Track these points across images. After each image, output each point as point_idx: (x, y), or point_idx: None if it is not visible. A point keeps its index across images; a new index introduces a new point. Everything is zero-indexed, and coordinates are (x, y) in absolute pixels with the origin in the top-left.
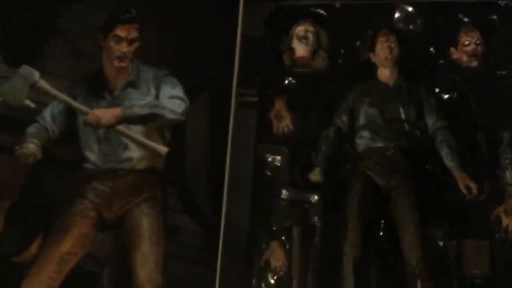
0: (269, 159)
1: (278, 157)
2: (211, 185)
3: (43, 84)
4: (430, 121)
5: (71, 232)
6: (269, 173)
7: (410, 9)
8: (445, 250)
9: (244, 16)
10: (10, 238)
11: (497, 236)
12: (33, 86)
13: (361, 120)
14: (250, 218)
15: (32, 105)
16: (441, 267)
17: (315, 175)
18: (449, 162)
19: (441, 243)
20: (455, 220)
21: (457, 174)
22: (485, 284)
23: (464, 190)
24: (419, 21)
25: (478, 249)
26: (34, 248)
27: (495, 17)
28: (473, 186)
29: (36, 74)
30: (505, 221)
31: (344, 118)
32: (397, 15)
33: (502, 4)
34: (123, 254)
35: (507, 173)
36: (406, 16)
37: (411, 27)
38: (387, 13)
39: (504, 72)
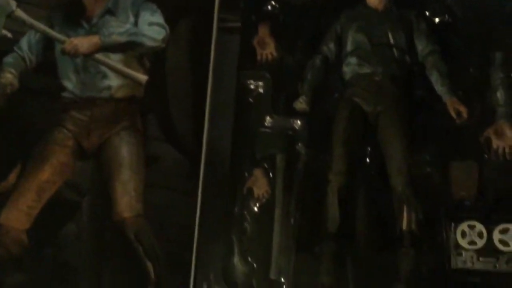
0: (252, 87)
1: (261, 83)
2: (193, 113)
3: (20, 13)
4: (420, 47)
5: (49, 161)
6: (251, 101)
7: None
8: (432, 174)
9: None
10: None
11: (486, 157)
12: (10, 16)
13: (349, 47)
14: (232, 146)
15: (9, 35)
16: (428, 191)
17: (300, 104)
18: (439, 87)
19: (428, 168)
20: (444, 144)
21: (447, 98)
22: (473, 206)
23: (453, 115)
24: None
25: (466, 171)
26: (12, 177)
27: None
28: (463, 110)
29: (13, 4)
30: (495, 142)
31: (331, 45)
32: None
33: None
34: (103, 182)
35: (498, 94)
36: None
37: None
38: None
39: None
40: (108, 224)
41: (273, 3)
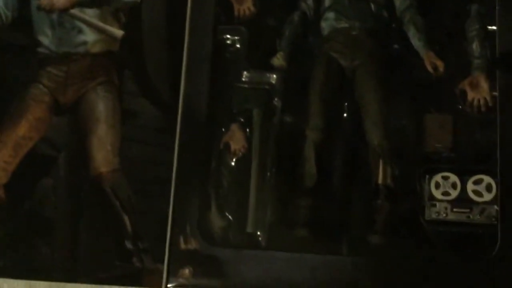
0: (229, 42)
1: (238, 38)
2: (169, 68)
3: None
4: (398, 1)
5: (26, 116)
6: (228, 56)
7: None
8: (407, 127)
9: None
10: None
11: (460, 108)
12: None
13: (327, 2)
14: (209, 101)
15: None
16: (404, 144)
17: (278, 60)
18: (416, 42)
19: (404, 121)
20: (419, 97)
21: (424, 53)
22: (448, 157)
23: (430, 69)
24: None
25: (441, 123)
26: None
27: None
28: (440, 64)
29: None
30: (470, 94)
31: (309, 1)
32: None
33: None
34: (79, 138)
35: (473, 46)
36: None
37: None
38: None
39: None
40: (84, 178)
41: None
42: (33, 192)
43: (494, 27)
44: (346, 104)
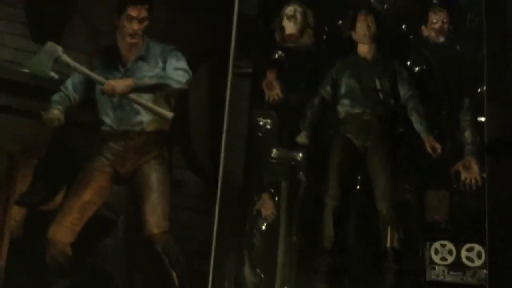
0: (261, 123)
1: (268, 120)
2: (211, 145)
3: (66, 58)
4: (403, 91)
5: (90, 184)
6: (260, 135)
7: None
8: (411, 201)
9: None
10: (38, 190)
11: (455, 186)
12: (57, 60)
13: (343, 90)
14: (244, 174)
15: (56, 76)
16: (408, 215)
17: (302, 138)
18: (418, 126)
19: (408, 196)
20: (420, 175)
21: (425, 136)
22: (445, 228)
23: (430, 150)
24: (393, 1)
25: (439, 198)
26: (59, 199)
27: None
28: (438, 147)
29: (60, 49)
30: (463, 174)
31: (328, 88)
32: None
33: None
34: (135, 204)
35: (466, 134)
36: None
37: (385, 6)
38: None
39: (470, 46)
40: (139, 239)
41: (279, 52)
42: (95, 250)
43: (483, 119)
44: (359, 177)
